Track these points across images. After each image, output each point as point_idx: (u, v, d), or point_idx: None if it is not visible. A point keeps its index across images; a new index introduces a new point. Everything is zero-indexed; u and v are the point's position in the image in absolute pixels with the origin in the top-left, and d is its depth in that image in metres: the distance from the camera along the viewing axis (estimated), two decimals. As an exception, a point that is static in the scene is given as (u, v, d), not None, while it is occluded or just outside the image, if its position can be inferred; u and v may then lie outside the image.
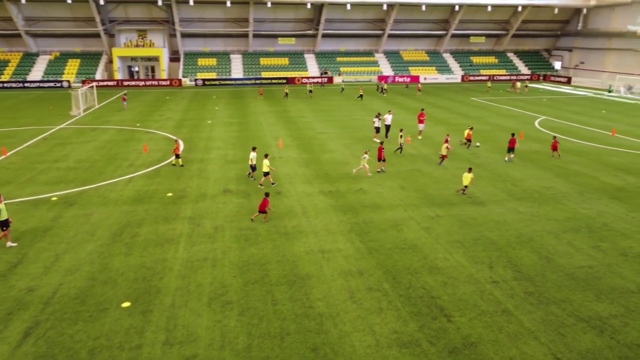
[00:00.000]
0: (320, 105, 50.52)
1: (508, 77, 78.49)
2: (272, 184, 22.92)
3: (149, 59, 72.30)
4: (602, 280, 14.04)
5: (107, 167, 26.04)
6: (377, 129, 32.33)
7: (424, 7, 73.14)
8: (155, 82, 69.53)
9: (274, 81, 71.88)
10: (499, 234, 17.35)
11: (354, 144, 31.87)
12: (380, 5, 72.19)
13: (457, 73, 78.53)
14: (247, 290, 13.40)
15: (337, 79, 73.56)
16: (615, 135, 35.71)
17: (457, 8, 74.49)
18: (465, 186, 21.63)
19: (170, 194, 21.47)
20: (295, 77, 72.39)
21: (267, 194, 18.51)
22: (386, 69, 77.63)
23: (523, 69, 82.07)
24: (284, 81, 72.07)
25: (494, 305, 12.65)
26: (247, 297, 13.02)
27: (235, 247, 16.13)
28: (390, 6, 72.98)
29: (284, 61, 76.10)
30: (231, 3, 68.30)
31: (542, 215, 19.20)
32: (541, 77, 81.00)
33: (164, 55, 70.92)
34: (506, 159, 27.79)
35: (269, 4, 68.37)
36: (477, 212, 19.41)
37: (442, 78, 77.05)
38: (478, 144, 31.46)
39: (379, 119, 32.20)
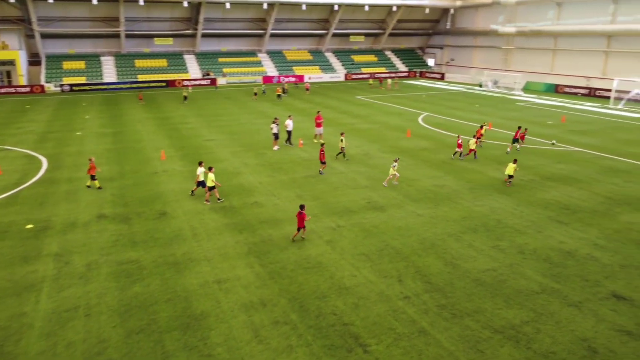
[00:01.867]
0: (205, 109, 47.82)
1: (388, 75, 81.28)
2: (219, 199, 20.68)
3: (3, 62, 63.72)
4: (507, 283, 13.94)
5: (-53, 196, 21.67)
6: (276, 135, 30.66)
7: (304, 7, 72.98)
8: (12, 90, 61.46)
9: (152, 84, 67.20)
10: (403, 241, 16.81)
11: (245, 151, 30.10)
12: (260, 4, 70.65)
13: (340, 72, 79.63)
14: (130, 343, 11.23)
15: (222, 80, 70.75)
16: (491, 128, 37.81)
17: (336, 8, 75.40)
18: (510, 176, 22.78)
19: (30, 226, 18.14)
20: (175, 80, 68.33)
21: (302, 206, 16.45)
22: (270, 69, 76.40)
23: (400, 66, 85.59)
24: (164, 84, 67.70)
25: (410, 326, 11.84)
26: (131, 354, 10.87)
27: (115, 287, 13.73)
28: (271, 5, 71.78)
29: (162, 63, 71.52)
30: (98, 1, 62.40)
31: (440, 216, 19.10)
32: (417, 74, 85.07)
33: (21, 58, 62.91)
34: (510, 149, 29.88)
35: (141, 2, 63.57)
36: (379, 219, 18.79)
37: (326, 77, 77.65)
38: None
39: (277, 125, 30.62)
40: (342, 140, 27.79)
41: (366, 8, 77.01)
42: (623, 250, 16.18)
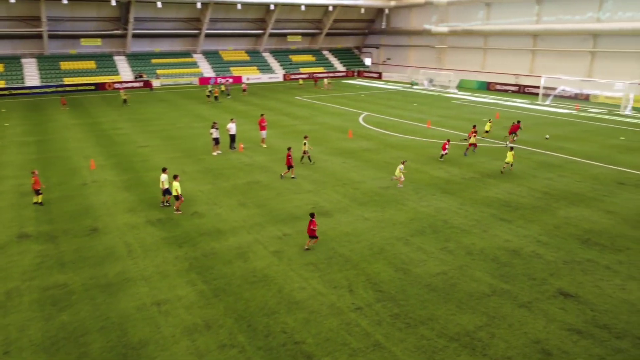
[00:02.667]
0: (139, 113, 45.56)
1: (327, 75, 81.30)
2: (176, 210, 19.46)
3: None
4: (458, 287, 13.78)
5: None
6: (216, 140, 29.40)
7: (239, 6, 71.45)
8: None
9: (80, 88, 63.49)
10: (351, 247, 16.36)
11: (183, 157, 28.72)
12: (194, 3, 68.44)
13: (278, 72, 78.74)
14: (58, 382, 10.03)
15: (155, 83, 67.92)
16: (430, 126, 38.36)
17: (272, 7, 74.43)
18: (509, 163, 25.03)
19: (-62, 251, 16.19)
20: (105, 82, 64.92)
21: (312, 215, 15.85)
22: (207, 70, 74.32)
23: (339, 65, 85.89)
24: (93, 87, 64.15)
25: (364, 340, 11.35)
26: (58, 395, 9.69)
27: (39, 317, 12.34)
28: (205, 4, 69.72)
29: (91, 64, 67.69)
30: (15, -1, 58.14)
31: (387, 220, 18.83)
32: (355, 74, 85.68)
33: None
34: (509, 142, 32.21)
35: (64, 1, 59.83)
36: (326, 225, 18.26)
37: (265, 77, 76.56)
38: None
39: (217, 129, 29.36)
40: (305, 144, 27.09)
41: (302, 8, 76.61)
42: (564, 245, 16.53)
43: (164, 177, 19.80)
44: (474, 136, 29.57)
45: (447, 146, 27.96)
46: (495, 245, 16.55)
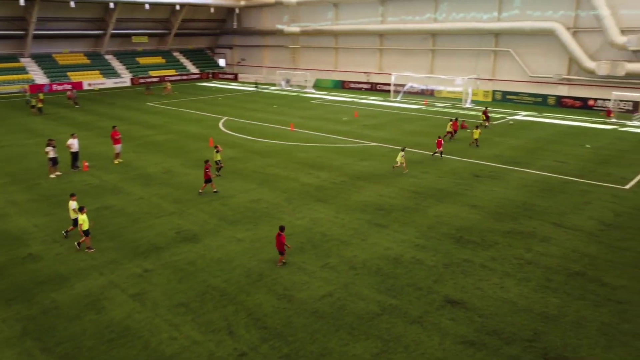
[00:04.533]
0: (-51, 131, 37.94)
1: (179, 77, 76.97)
2: (88, 249, 16.13)
3: None
4: (347, 309, 12.79)
5: None
6: (54, 160, 25.02)
7: (72, 4, 63.88)
8: None
9: None
10: (226, 277, 14.55)
11: (9, 183, 24.03)
12: (16, 0, 59.59)
13: (125, 76, 72.39)
14: None
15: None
16: (293, 129, 37.62)
17: (112, 5, 67.89)
18: (476, 139, 30.75)
19: None
20: None
21: (281, 228, 14.94)
22: (38, 76, 65.44)
23: (191, 67, 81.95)
24: None
25: (253, 396, 9.74)
26: None
27: None
28: (30, 2, 61.14)
29: None
30: None
31: (263, 238, 17.31)
32: (211, 75, 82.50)
33: None
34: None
35: None
36: (194, 253, 16.16)
37: (110, 82, 69.79)
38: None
39: (54, 147, 25.00)
40: (217, 153, 24.83)
41: (147, 7, 71.28)
42: (441, 247, 16.56)
43: (72, 204, 16.85)
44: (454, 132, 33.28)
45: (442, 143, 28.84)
46: (377, 254, 15.98)
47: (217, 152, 25.16)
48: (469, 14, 56.15)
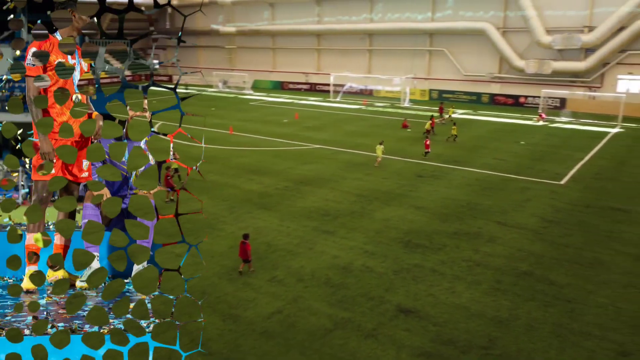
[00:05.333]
0: None
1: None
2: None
3: None
4: (297, 326, 12.09)
5: None
6: None
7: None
8: None
9: None
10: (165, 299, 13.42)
11: None
12: None
13: (49, 79, 68.05)
14: None
15: None
16: (232, 133, 36.46)
17: (31, 4, 63.60)
18: (455, 135, 32.52)
19: None
20: None
21: (245, 236, 14.42)
22: None
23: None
24: None
25: None
26: None
27: None
28: None
29: None
30: None
31: (205, 252, 16.29)
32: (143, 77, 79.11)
33: None
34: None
35: None
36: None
37: None
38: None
39: None
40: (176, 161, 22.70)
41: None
42: (390, 252, 16.21)
43: None
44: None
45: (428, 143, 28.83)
46: (325, 264, 15.38)
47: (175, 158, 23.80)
48: (404, 14, 57.02)
